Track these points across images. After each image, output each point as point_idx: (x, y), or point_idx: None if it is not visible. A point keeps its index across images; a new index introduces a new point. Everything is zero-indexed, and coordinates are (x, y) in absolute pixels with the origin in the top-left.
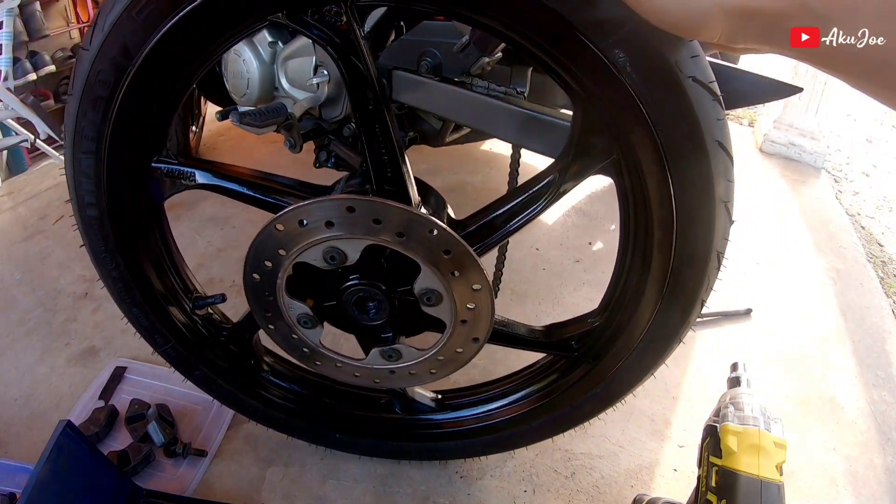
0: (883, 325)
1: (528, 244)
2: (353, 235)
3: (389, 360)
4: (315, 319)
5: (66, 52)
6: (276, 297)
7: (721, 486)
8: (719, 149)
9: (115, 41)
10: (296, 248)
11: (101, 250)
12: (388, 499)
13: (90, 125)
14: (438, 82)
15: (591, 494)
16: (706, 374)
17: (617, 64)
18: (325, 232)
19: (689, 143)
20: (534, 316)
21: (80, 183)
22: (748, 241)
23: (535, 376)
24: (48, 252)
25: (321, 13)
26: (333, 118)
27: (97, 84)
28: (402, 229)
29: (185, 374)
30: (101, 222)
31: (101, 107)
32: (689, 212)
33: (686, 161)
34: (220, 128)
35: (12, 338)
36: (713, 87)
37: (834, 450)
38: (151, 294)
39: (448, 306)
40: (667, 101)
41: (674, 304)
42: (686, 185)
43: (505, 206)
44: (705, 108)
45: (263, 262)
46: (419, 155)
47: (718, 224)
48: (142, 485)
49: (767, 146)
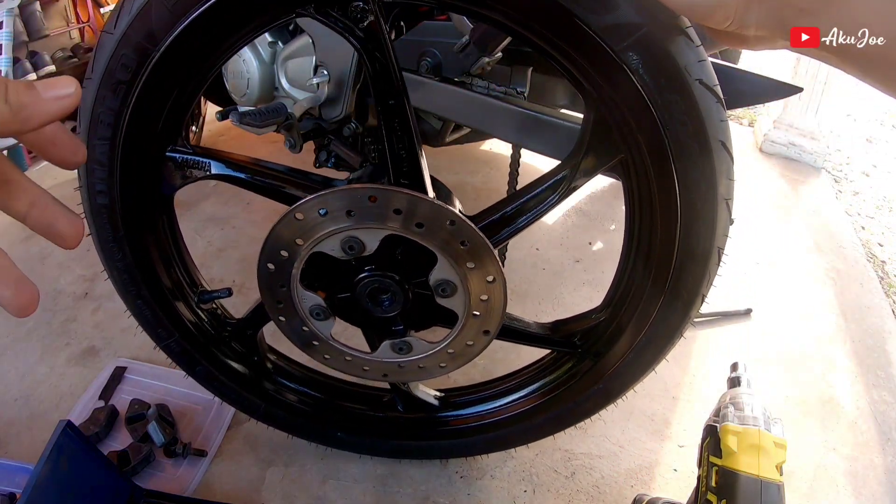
0: (883, 325)
1: (528, 244)
2: (372, 225)
3: (400, 353)
4: (328, 311)
5: (67, 52)
6: (289, 287)
7: (721, 486)
8: (722, 148)
9: (141, 25)
10: (314, 237)
11: (108, 239)
12: (388, 499)
13: (108, 111)
14: (438, 82)
15: (591, 494)
16: (706, 374)
17: (630, 66)
18: (345, 221)
19: (694, 142)
20: (534, 315)
21: (93, 170)
22: (748, 240)
23: (538, 373)
24: (48, 252)
25: (347, 9)
26: (333, 118)
27: (119, 68)
28: (422, 219)
29: (187, 370)
30: (112, 210)
31: (122, 92)
32: (692, 209)
33: (691, 160)
34: (220, 128)
35: (12, 338)
36: (717, 90)
37: (834, 450)
38: (157, 286)
39: (462, 298)
40: (675, 103)
41: (676, 298)
42: (690, 183)
43: (516, 201)
44: (710, 109)
45: (279, 252)
46: None
47: (720, 221)
48: (142, 485)
49: (767, 146)
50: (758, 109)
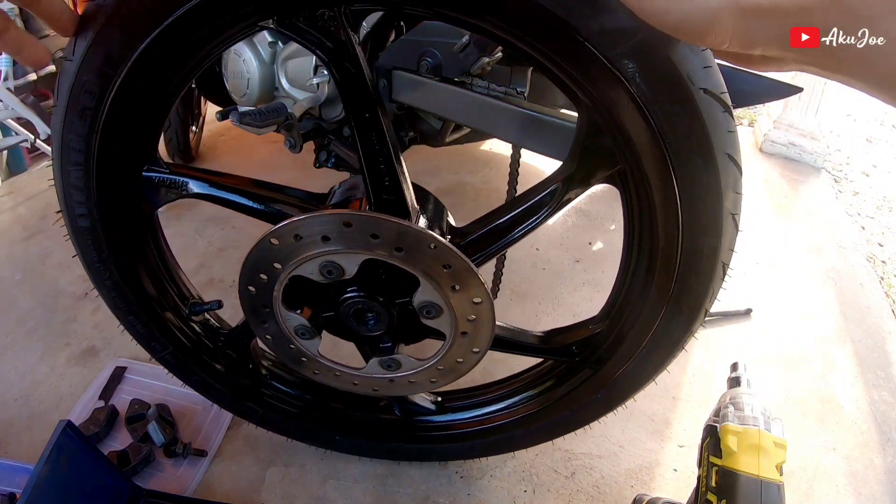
0: (883, 325)
1: (528, 244)
2: (350, 250)
3: (388, 369)
4: (313, 331)
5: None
6: (272, 308)
7: (721, 486)
8: (729, 161)
9: (99, 51)
10: (292, 262)
11: (94, 260)
12: (388, 499)
13: (77, 136)
14: (438, 82)
15: (591, 494)
16: (706, 374)
17: (626, 74)
18: (322, 246)
19: (698, 156)
20: (534, 316)
21: (70, 195)
22: (748, 241)
23: (535, 380)
24: (48, 252)
25: (313, 18)
26: (333, 118)
27: (83, 94)
28: (401, 244)
29: (183, 380)
30: (94, 232)
31: (89, 117)
32: (696, 225)
33: (695, 174)
34: (220, 128)
35: (12, 338)
36: (725, 98)
37: (834, 450)
38: (147, 302)
39: (448, 319)
40: (677, 113)
41: (678, 314)
42: (694, 198)
43: (507, 214)
44: (716, 119)
45: (259, 276)
46: (419, 155)
47: (725, 236)
48: (142, 485)
49: (767, 146)
50: (758, 109)
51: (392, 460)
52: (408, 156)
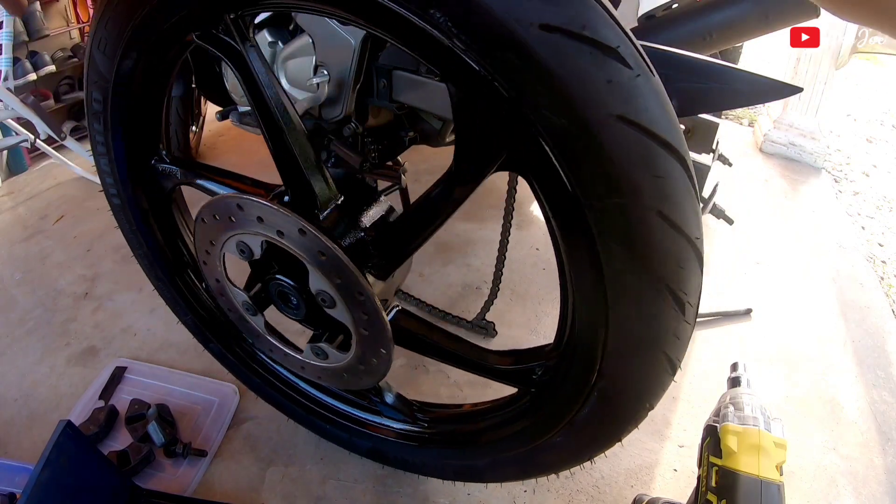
0: (883, 325)
1: (528, 244)
2: (247, 231)
3: (318, 357)
4: (254, 307)
5: (67, 52)
6: (221, 282)
7: (721, 486)
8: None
9: (93, 71)
10: (219, 240)
11: (127, 231)
12: (388, 499)
13: (98, 133)
14: (438, 82)
15: (591, 494)
16: (706, 374)
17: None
18: (232, 228)
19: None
20: (534, 316)
21: (104, 178)
22: (748, 241)
23: (506, 404)
24: (48, 252)
25: (221, 28)
26: (333, 118)
27: (94, 102)
28: (282, 228)
29: (203, 345)
30: (124, 209)
31: (101, 119)
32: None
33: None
34: (220, 128)
35: (12, 338)
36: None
37: (834, 450)
38: (170, 269)
39: (344, 312)
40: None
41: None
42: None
43: (406, 218)
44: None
45: (206, 251)
46: (419, 155)
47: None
48: (142, 485)
49: (767, 146)
50: (758, 109)
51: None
52: (408, 156)
